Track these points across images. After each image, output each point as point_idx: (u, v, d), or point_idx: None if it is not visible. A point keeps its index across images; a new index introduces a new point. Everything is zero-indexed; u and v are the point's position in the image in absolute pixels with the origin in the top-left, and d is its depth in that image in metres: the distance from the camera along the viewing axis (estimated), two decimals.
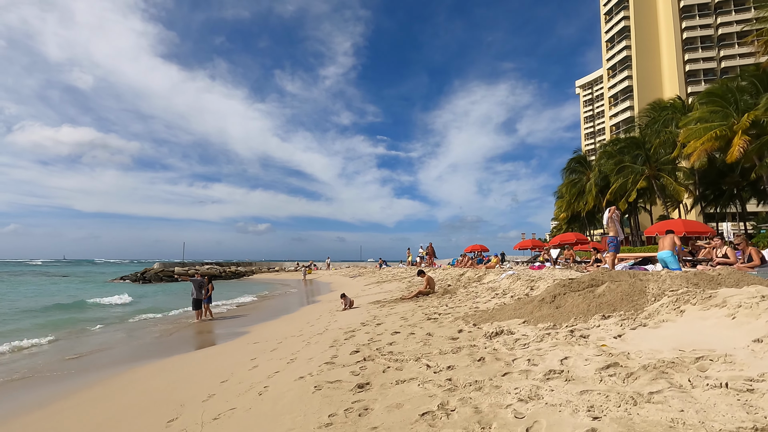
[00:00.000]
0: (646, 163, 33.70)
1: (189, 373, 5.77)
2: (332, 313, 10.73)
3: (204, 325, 11.56)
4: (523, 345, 4.29)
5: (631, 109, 76.45)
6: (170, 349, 8.15)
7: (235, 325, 11.10)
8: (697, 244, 12.29)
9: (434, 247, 31.28)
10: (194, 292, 12.57)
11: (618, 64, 79.93)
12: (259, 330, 9.48)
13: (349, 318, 9.08)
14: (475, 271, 14.86)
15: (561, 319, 5.04)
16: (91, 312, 14.95)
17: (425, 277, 11.73)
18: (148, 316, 13.66)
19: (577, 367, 3.31)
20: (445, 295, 10.66)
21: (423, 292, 11.35)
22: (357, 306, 11.61)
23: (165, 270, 40.09)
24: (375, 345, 5.51)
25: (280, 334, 8.34)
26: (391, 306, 10.12)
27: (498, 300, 8.01)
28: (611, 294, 5.17)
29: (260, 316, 12.67)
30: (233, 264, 52.93)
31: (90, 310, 15.65)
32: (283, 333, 8.45)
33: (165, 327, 11.25)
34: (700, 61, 69.68)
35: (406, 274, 21.70)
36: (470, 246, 26.45)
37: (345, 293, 12.19)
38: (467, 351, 4.41)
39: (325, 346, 6.08)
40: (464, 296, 9.67)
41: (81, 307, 16.39)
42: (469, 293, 10.13)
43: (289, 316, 12.21)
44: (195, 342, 9.05)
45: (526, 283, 8.69)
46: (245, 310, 14.73)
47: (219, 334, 9.83)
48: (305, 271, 40.68)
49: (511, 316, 5.87)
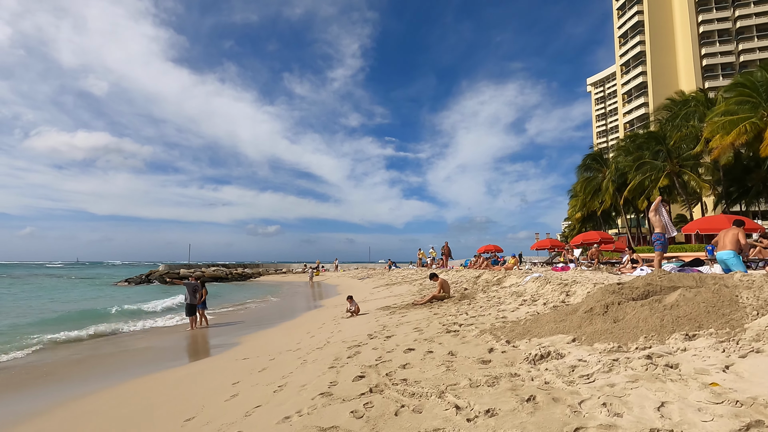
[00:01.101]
0: (667, 159, 32.12)
1: (151, 403, 4.71)
2: (336, 321, 9.66)
3: (196, 333, 10.56)
4: (586, 377, 3.16)
5: (646, 106, 74.50)
6: (145, 365, 7.08)
7: (229, 334, 10.08)
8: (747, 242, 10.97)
9: (438, 250, 29.90)
10: (188, 297, 11.58)
11: (631, 60, 77.97)
12: (254, 341, 8.45)
13: (355, 327, 8.00)
14: (493, 272, 13.69)
15: (625, 337, 3.90)
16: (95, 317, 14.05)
17: (439, 280, 10.60)
18: (139, 322, 12.71)
19: (693, 424, 2.18)
20: (463, 300, 9.51)
21: (437, 297, 10.22)
22: (364, 312, 10.53)
23: (170, 272, 39.42)
24: (384, 368, 4.42)
25: (276, 346, 7.29)
26: (402, 313, 9.02)
27: (528, 308, 6.86)
28: (689, 305, 4.01)
29: (259, 323, 11.65)
30: (240, 266, 52.20)
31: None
32: (278, 345, 7.40)
33: (152, 336, 10.27)
34: (718, 56, 67.52)
35: (416, 276, 20.56)
36: (483, 246, 25.20)
37: (352, 296, 11.15)
38: (508, 383, 3.29)
39: (323, 366, 5.01)
40: (485, 302, 8.52)
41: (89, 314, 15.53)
42: (491, 299, 8.98)
43: (290, 323, 11.16)
44: (177, 356, 7.98)
45: (559, 287, 7.53)
46: (244, 316, 13.73)
47: (208, 345, 8.81)
48: (312, 273, 39.73)
49: (552, 331, 4.73)
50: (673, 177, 31.98)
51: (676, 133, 31.63)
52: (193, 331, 11.10)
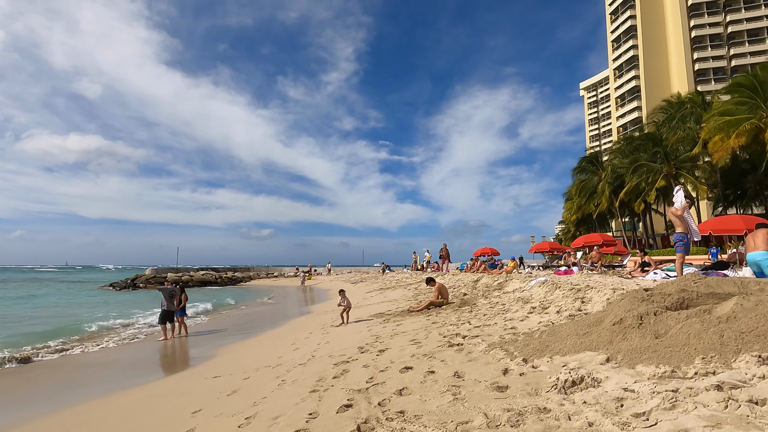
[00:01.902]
0: (664, 161, 31.72)
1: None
2: (325, 330, 8.84)
3: (170, 344, 9.63)
4: (642, 416, 2.39)
5: (639, 110, 74.78)
6: (94, 385, 5.99)
7: (207, 344, 9.19)
8: None
9: (432, 253, 28.97)
10: (164, 303, 10.66)
11: (624, 64, 78.30)
12: (232, 353, 7.58)
13: (345, 338, 7.19)
14: (492, 276, 12.95)
15: (675, 358, 3.14)
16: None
17: (436, 285, 9.82)
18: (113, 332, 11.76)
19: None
20: (463, 307, 8.74)
21: (435, 303, 9.44)
22: (356, 319, 9.72)
23: (157, 276, 38.22)
24: (377, 393, 3.63)
25: (254, 361, 6.45)
26: (397, 321, 8.23)
27: (539, 317, 6.09)
28: (751, 317, 3.26)
29: (242, 332, 10.77)
30: (230, 269, 51.04)
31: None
32: (258, 359, 6.56)
33: (119, 349, 9.33)
34: (710, 60, 67.93)
35: (411, 279, 19.77)
36: (480, 249, 24.48)
37: (344, 290, 10.47)
38: (537, 423, 2.51)
39: (304, 388, 4.20)
40: (488, 309, 7.75)
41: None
42: (494, 305, 8.21)
43: (275, 331, 10.29)
44: (139, 373, 6.79)
45: (572, 293, 6.78)
46: (228, 323, 12.83)
47: (178, 358, 7.90)
48: (304, 277, 38.77)
49: (577, 347, 3.97)
50: (669, 179, 31.58)
51: (673, 135, 31.27)
52: (167, 341, 10.18)
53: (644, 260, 9.49)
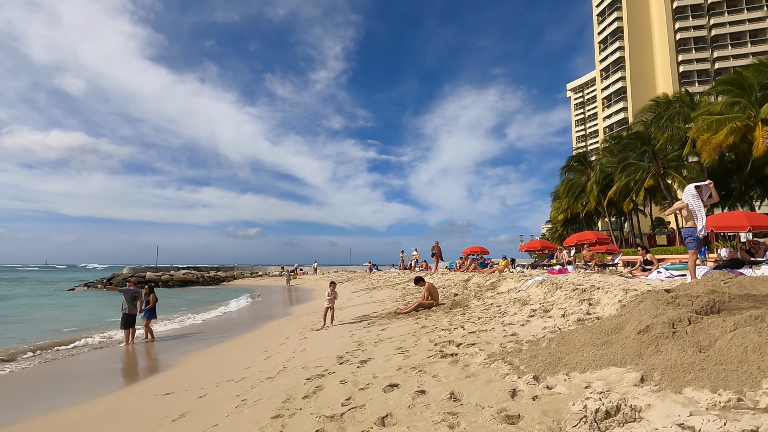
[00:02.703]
0: (652, 160, 31.60)
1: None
2: (303, 334, 8.04)
3: (129, 351, 8.70)
4: None
5: (625, 111, 75.51)
6: (13, 408, 5.12)
7: (171, 350, 8.30)
8: (760, 242, 9.91)
9: (421, 252, 28.27)
10: (125, 306, 9.71)
11: (611, 65, 78.98)
12: (195, 362, 6.73)
13: (324, 344, 6.42)
14: (483, 276, 12.29)
15: (734, 379, 2.46)
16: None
17: (425, 285, 9.10)
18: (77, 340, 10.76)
19: None
20: (455, 309, 8.02)
21: (423, 304, 8.72)
22: (339, 322, 8.95)
23: (135, 275, 36.69)
24: (354, 422, 2.88)
25: (218, 373, 5.63)
26: (383, 324, 7.48)
27: (543, 321, 5.40)
28: None
29: (213, 336, 9.90)
30: (213, 269, 49.64)
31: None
32: (222, 370, 5.74)
33: (72, 357, 8.38)
34: (694, 62, 68.86)
35: (399, 279, 19.05)
36: (469, 248, 23.86)
37: (335, 282, 9.97)
38: None
39: (266, 413, 3.42)
40: (483, 312, 7.05)
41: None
42: (488, 307, 7.52)
43: (249, 336, 9.45)
44: (80, 386, 5.67)
45: (576, 294, 6.11)
46: (202, 326, 11.92)
47: (132, 369, 6.95)
48: (289, 277, 37.80)
49: (597, 361, 3.27)
50: (657, 178, 31.47)
51: (661, 134, 31.18)
52: (128, 346, 9.26)
53: (646, 258, 8.91)
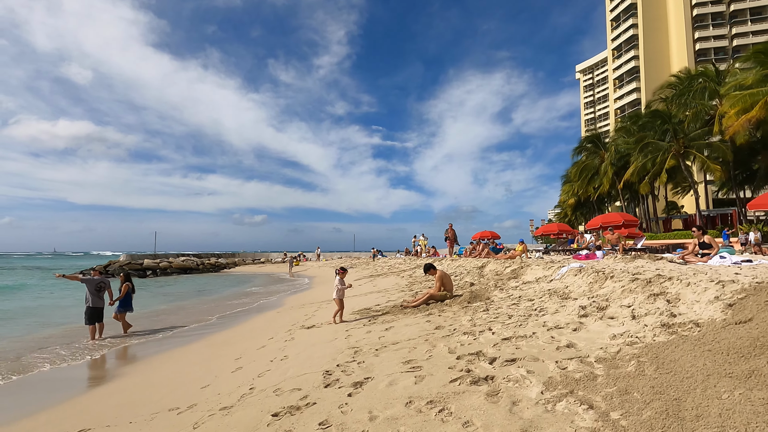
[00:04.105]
0: (673, 139, 29.68)
1: None
2: (291, 334, 6.66)
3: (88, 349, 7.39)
4: None
5: (638, 91, 72.85)
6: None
7: (133, 351, 6.98)
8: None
9: (428, 237, 26.44)
10: (88, 298, 8.38)
11: (624, 44, 75.99)
12: (148, 372, 5.37)
13: (311, 350, 5.02)
14: (501, 262, 10.84)
15: None
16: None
17: (437, 273, 7.66)
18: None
19: None
20: (474, 302, 6.59)
21: (435, 296, 7.30)
22: (332, 320, 7.57)
23: (132, 263, 35.69)
24: None
25: (166, 392, 4.27)
26: (387, 322, 6.08)
27: (605, 325, 3.93)
28: None
29: (188, 333, 8.56)
30: (213, 255, 48.56)
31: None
32: (172, 389, 4.38)
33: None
34: (711, 39, 65.85)
35: (405, 266, 17.67)
36: (479, 233, 22.38)
37: (345, 268, 8.18)
38: None
39: None
40: (510, 307, 5.61)
41: None
42: (516, 300, 6.08)
43: (228, 334, 8.07)
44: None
45: (639, 287, 4.62)
46: (182, 318, 10.59)
47: (61, 380, 5.46)
48: (292, 263, 36.66)
49: (760, 410, 1.83)
50: (679, 158, 29.60)
51: (684, 111, 29.23)
52: (94, 343, 7.97)
53: (703, 241, 7.36)
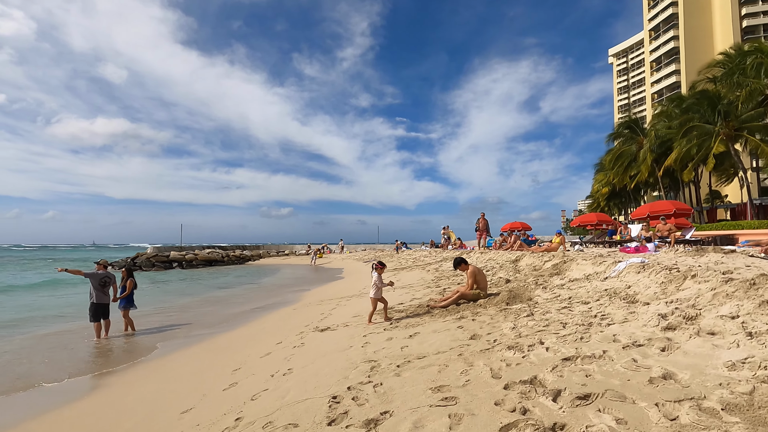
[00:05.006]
0: (722, 122, 27.30)
1: None
2: (302, 338, 5.86)
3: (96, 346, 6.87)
4: None
5: (677, 74, 68.57)
6: None
7: (129, 352, 6.38)
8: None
9: (453, 230, 24.73)
10: (93, 294, 7.85)
11: (662, 24, 71.56)
12: (129, 385, 4.66)
13: (321, 361, 4.19)
14: (538, 256, 9.74)
15: None
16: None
17: (469, 268, 6.68)
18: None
19: None
20: (514, 303, 5.59)
21: (467, 295, 6.35)
22: (354, 316, 6.75)
23: (159, 255, 36.12)
24: None
25: (138, 420, 3.54)
26: (412, 326, 5.19)
27: (708, 344, 2.88)
28: None
29: (192, 332, 7.94)
30: (238, 247, 48.89)
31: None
32: (147, 415, 3.65)
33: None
34: (760, 15, 60.94)
35: (430, 258, 16.70)
36: (508, 224, 21.14)
37: (383, 263, 6.35)
38: None
39: None
40: (561, 311, 4.61)
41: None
42: (565, 302, 5.07)
43: (232, 335, 7.32)
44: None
45: (739, 290, 3.55)
46: (192, 316, 9.99)
47: (21, 394, 4.83)
48: (315, 255, 36.26)
49: None
50: (728, 143, 27.22)
51: (735, 91, 26.77)
52: (99, 342, 7.46)
53: None
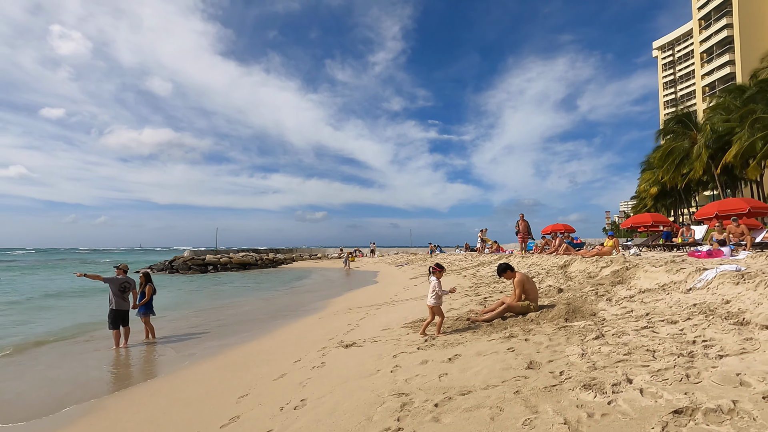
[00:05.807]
0: None
1: None
2: (324, 355, 5.16)
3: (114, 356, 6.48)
4: None
5: (731, 64, 63.82)
6: None
7: (140, 367, 5.92)
8: None
9: (487, 232, 22.94)
10: (112, 300, 7.50)
11: (713, 12, 66.95)
12: (120, 413, 4.11)
13: (340, 390, 3.47)
14: (593, 261, 8.63)
15: None
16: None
17: (517, 276, 5.78)
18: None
19: None
20: (575, 319, 4.67)
21: (514, 308, 5.46)
22: (384, 329, 6.01)
23: (195, 258, 36.83)
24: None
25: None
26: (451, 345, 4.39)
27: None
28: None
29: (205, 343, 7.44)
30: (272, 251, 49.36)
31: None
32: None
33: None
34: None
35: (466, 263, 15.72)
36: (550, 225, 19.78)
37: (441, 266, 5.54)
38: None
39: None
40: (641, 333, 3.66)
41: None
42: (639, 319, 4.10)
43: (246, 349, 6.70)
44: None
45: None
46: (218, 321, 9.56)
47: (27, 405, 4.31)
48: (347, 259, 35.81)
49: None
50: None
51: None
52: (117, 351, 7.10)
53: None
